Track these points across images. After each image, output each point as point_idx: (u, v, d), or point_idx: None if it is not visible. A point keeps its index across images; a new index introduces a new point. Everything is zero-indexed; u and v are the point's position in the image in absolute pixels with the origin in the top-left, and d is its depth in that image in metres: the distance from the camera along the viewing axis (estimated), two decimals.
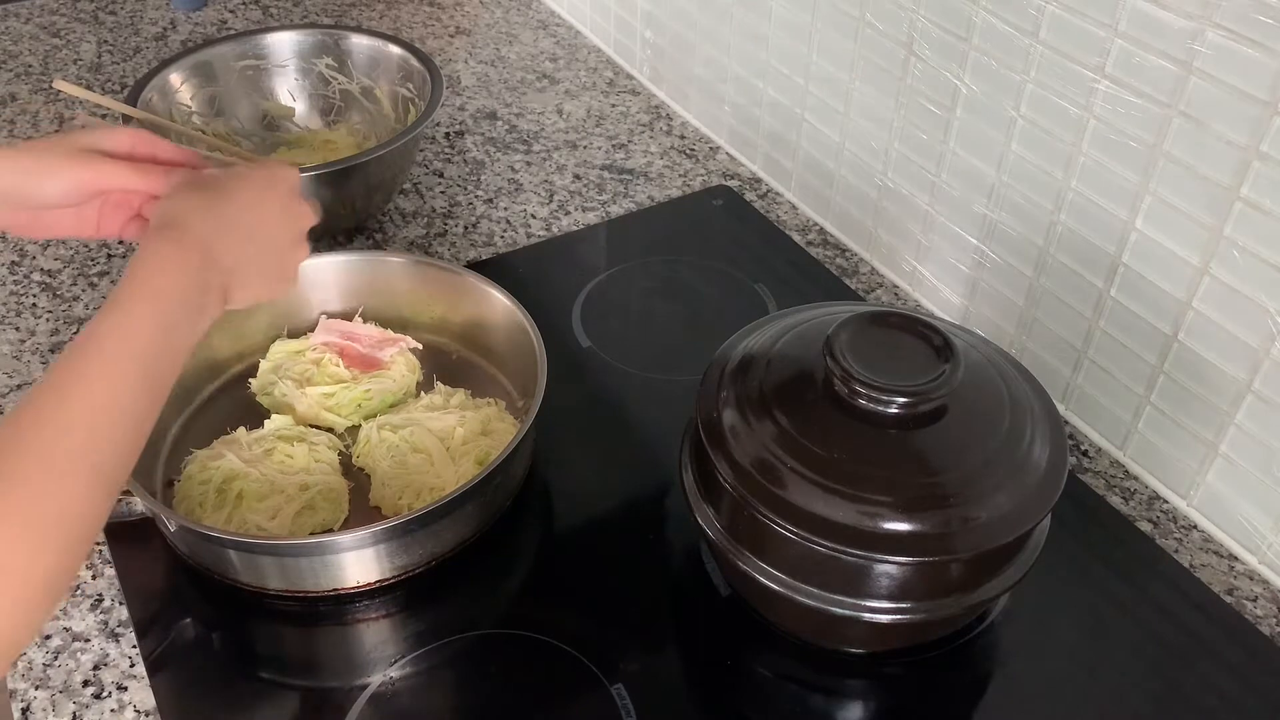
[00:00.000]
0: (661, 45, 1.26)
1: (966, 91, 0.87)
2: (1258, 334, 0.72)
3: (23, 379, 0.91)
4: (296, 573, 0.73)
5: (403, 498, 0.78)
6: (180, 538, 0.75)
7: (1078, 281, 0.83)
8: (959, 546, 0.62)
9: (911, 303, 1.01)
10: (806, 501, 0.63)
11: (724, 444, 0.67)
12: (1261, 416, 0.73)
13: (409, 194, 1.13)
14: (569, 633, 0.72)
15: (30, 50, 1.36)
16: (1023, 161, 0.84)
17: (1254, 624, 0.74)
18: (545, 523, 0.82)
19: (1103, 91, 0.76)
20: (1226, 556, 0.79)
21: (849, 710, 0.73)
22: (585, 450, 0.87)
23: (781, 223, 1.10)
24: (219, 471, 0.78)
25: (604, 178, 1.16)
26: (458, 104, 1.28)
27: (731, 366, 0.71)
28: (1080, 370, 0.86)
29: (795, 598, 0.66)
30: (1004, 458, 0.64)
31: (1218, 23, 0.67)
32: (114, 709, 0.69)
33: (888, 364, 0.65)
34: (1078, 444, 0.87)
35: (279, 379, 0.86)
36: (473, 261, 1.04)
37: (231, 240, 0.59)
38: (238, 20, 1.43)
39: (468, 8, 1.48)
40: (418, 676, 0.71)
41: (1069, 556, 0.77)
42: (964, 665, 0.72)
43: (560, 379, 0.81)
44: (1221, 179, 0.70)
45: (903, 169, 0.97)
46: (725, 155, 1.20)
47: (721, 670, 0.72)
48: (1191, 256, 0.74)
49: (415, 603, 0.75)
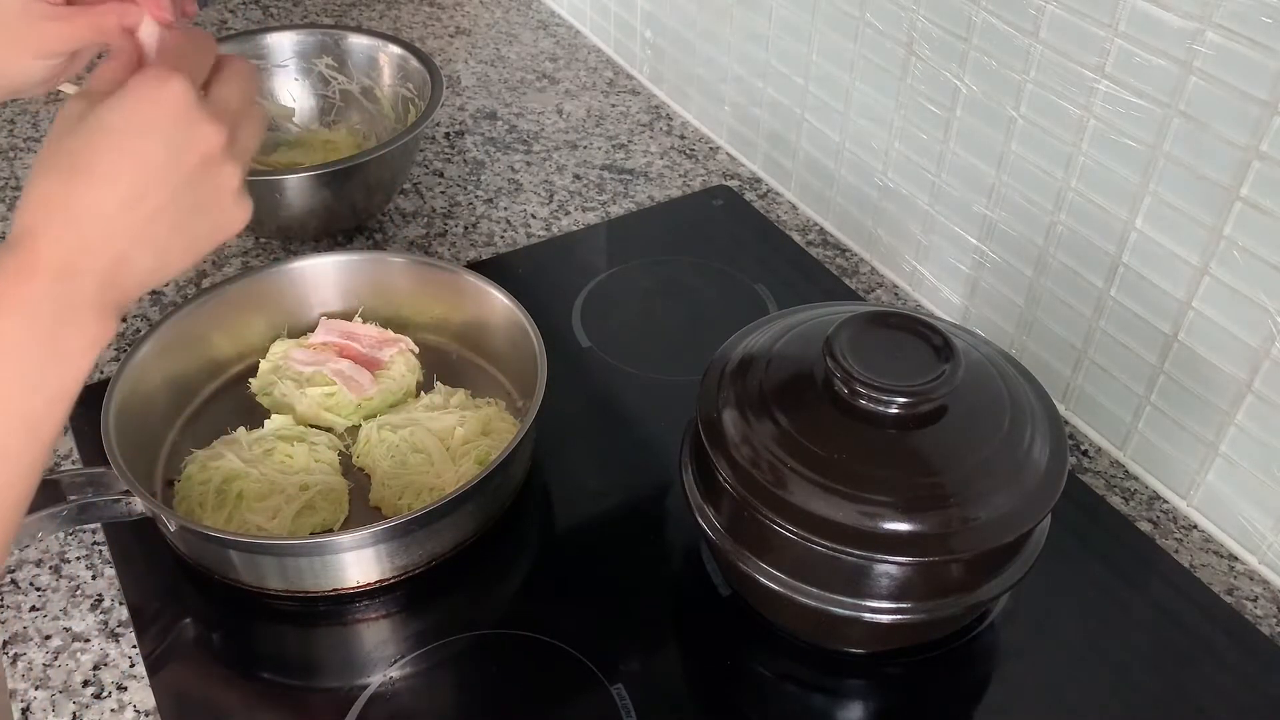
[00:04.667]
0: (661, 45, 1.26)
1: (966, 91, 0.87)
2: (1258, 334, 0.72)
3: None
4: (296, 573, 0.73)
5: (403, 498, 0.78)
6: (180, 538, 0.75)
7: (1078, 281, 0.83)
8: (959, 546, 0.62)
9: (911, 303, 1.01)
10: (806, 501, 0.63)
11: (724, 444, 0.67)
12: (1261, 416, 0.73)
13: (409, 194, 1.13)
14: (569, 633, 0.72)
15: None
16: (1023, 161, 0.84)
17: (1254, 624, 0.74)
18: (545, 523, 0.82)
19: (1103, 91, 0.76)
20: (1226, 556, 0.79)
21: (849, 710, 0.73)
22: (585, 450, 0.87)
23: (781, 223, 1.10)
24: (219, 471, 0.78)
25: (604, 178, 1.16)
26: (458, 104, 1.28)
27: (731, 366, 0.71)
28: (1080, 370, 0.86)
29: (795, 598, 0.66)
30: (1004, 458, 0.64)
31: (1218, 23, 0.67)
32: (114, 709, 0.69)
33: (888, 364, 0.65)
34: (1078, 444, 0.87)
35: (279, 379, 0.86)
36: (473, 261, 1.04)
37: (106, 222, 0.46)
38: (238, 20, 1.43)
39: (468, 8, 1.48)
40: (418, 676, 0.71)
41: (1069, 556, 0.77)
42: (964, 665, 0.72)
43: (560, 379, 0.81)
44: (1221, 179, 0.70)
45: (903, 169, 0.97)
46: (725, 155, 1.20)
47: (721, 670, 0.72)
48: (1191, 256, 0.74)
49: (415, 603, 0.75)
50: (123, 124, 0.47)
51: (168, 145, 0.47)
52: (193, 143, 0.48)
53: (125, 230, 0.46)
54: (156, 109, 0.47)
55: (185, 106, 0.48)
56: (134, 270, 0.47)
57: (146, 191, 0.47)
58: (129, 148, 0.47)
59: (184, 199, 0.48)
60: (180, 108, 0.48)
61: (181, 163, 0.48)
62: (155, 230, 0.47)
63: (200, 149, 0.48)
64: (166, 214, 0.48)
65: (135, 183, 0.47)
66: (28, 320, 0.43)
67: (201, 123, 0.48)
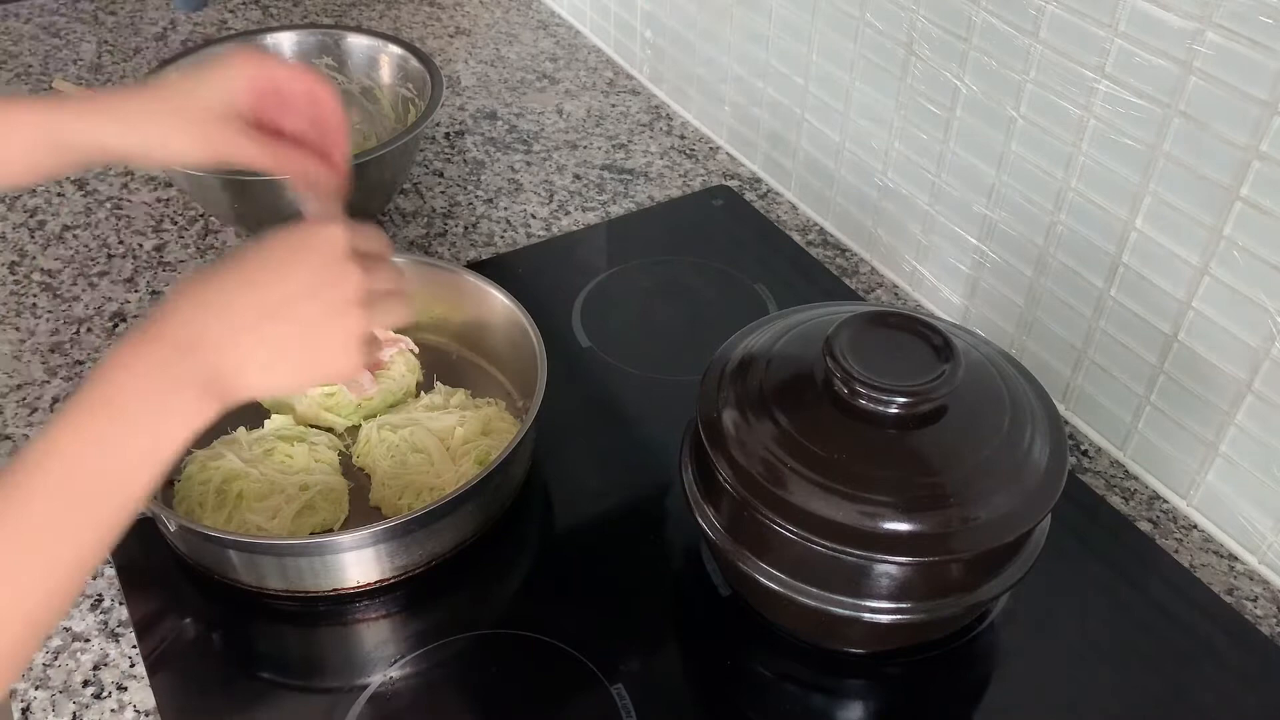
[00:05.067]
0: (661, 45, 1.26)
1: (966, 91, 0.87)
2: (1258, 334, 0.72)
3: (23, 379, 0.91)
4: (296, 573, 0.73)
5: (403, 498, 0.78)
6: (180, 538, 0.75)
7: (1078, 281, 0.83)
8: (959, 546, 0.62)
9: (911, 303, 1.01)
10: (806, 501, 0.63)
11: (724, 444, 0.67)
12: (1261, 416, 0.73)
13: (409, 194, 1.13)
14: (569, 633, 0.72)
15: (30, 50, 1.36)
16: (1023, 161, 0.84)
17: (1254, 624, 0.74)
18: (545, 523, 0.82)
19: (1103, 91, 0.76)
20: (1226, 556, 0.79)
21: (849, 710, 0.73)
22: (585, 450, 0.86)
23: (781, 223, 1.10)
24: (219, 471, 0.78)
25: (604, 178, 1.16)
26: (458, 104, 1.28)
27: (731, 366, 0.71)
28: (1080, 370, 0.86)
29: (795, 598, 0.66)
30: (1004, 458, 0.64)
31: (1218, 23, 0.67)
32: (114, 709, 0.69)
33: (888, 364, 0.65)
34: (1078, 444, 0.87)
35: None
36: (473, 261, 1.04)
37: (238, 320, 0.51)
38: (238, 20, 1.43)
39: (468, 8, 1.48)
40: (418, 676, 0.71)
41: (1069, 556, 0.77)
42: (964, 665, 0.72)
43: (560, 379, 0.81)
44: (1221, 179, 0.70)
45: (903, 169, 0.97)
46: (725, 155, 1.20)
47: (721, 670, 0.72)
48: (1191, 256, 0.74)
49: (415, 603, 0.75)
50: (283, 250, 0.53)
51: (314, 276, 0.53)
52: (336, 281, 0.53)
53: (249, 337, 0.50)
54: (315, 243, 0.53)
55: (340, 250, 0.53)
56: (242, 373, 0.50)
57: (280, 311, 0.51)
58: (280, 269, 0.52)
59: (310, 329, 0.52)
60: (335, 250, 0.53)
61: (320, 296, 0.52)
62: (274, 346, 0.51)
63: (341, 290, 0.53)
64: (291, 337, 0.52)
65: (274, 300, 0.51)
66: (146, 377, 0.47)
67: (349, 268, 0.53)
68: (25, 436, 0.86)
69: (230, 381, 0.50)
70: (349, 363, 0.54)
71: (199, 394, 0.49)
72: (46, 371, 0.92)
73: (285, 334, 0.52)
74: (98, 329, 0.96)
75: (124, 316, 0.98)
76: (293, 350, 0.52)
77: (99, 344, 0.95)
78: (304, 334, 0.52)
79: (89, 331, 0.96)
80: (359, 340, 0.54)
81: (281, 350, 0.52)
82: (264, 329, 0.51)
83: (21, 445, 0.85)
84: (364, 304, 0.54)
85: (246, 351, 0.50)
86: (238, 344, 0.50)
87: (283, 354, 0.52)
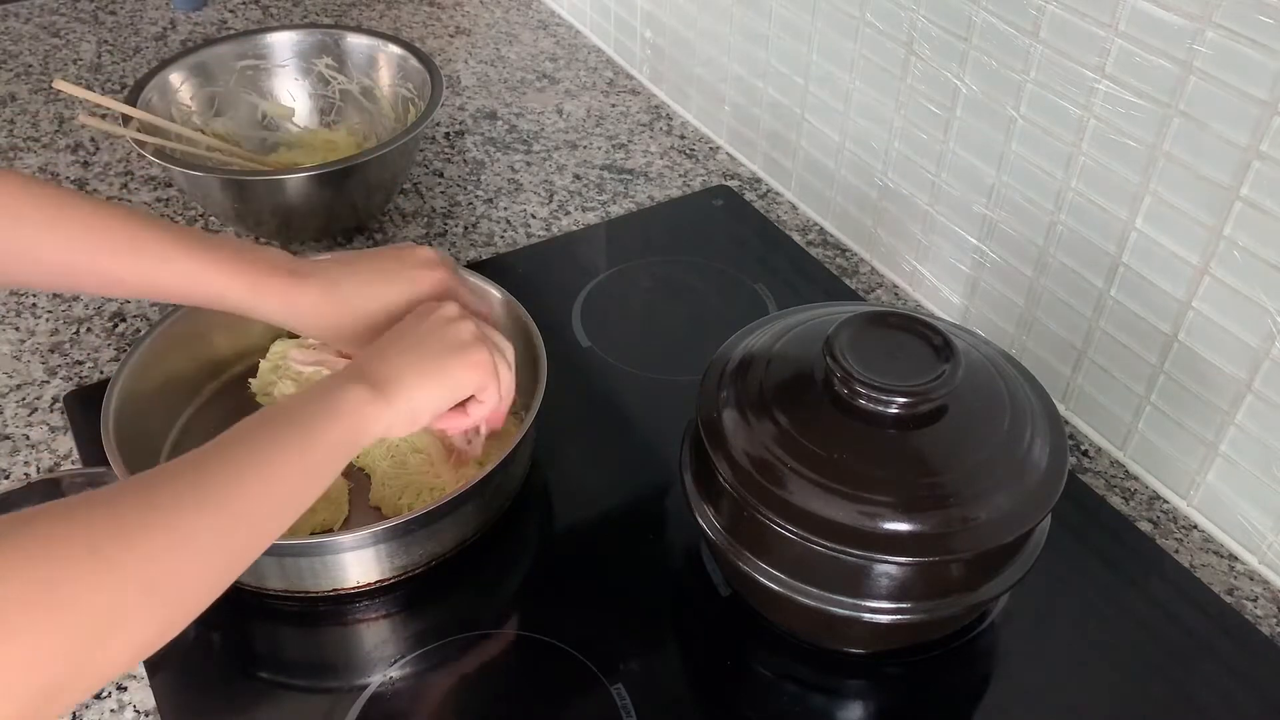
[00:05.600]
0: (661, 45, 1.26)
1: (966, 91, 0.87)
2: (1258, 334, 0.72)
3: (23, 379, 0.91)
4: (296, 573, 0.73)
5: (403, 498, 0.78)
6: None
7: (1078, 281, 0.83)
8: (959, 546, 0.62)
9: (911, 303, 1.01)
10: (806, 501, 0.63)
11: (724, 444, 0.67)
12: (1261, 416, 0.73)
13: (409, 194, 1.13)
14: (569, 633, 0.72)
15: (30, 50, 1.36)
16: (1023, 161, 0.84)
17: (1254, 624, 0.74)
18: (545, 523, 0.82)
19: (1103, 91, 0.76)
20: (1226, 556, 0.79)
21: (849, 710, 0.73)
22: (585, 450, 0.87)
23: (781, 223, 1.10)
24: None
25: (604, 178, 1.16)
26: (458, 104, 1.28)
27: (731, 366, 0.71)
28: (1080, 370, 0.86)
29: (795, 598, 0.66)
30: (1004, 458, 0.64)
31: (1218, 23, 0.67)
32: (114, 709, 0.69)
33: (888, 364, 0.65)
34: (1078, 444, 0.87)
35: (279, 379, 0.86)
36: (473, 261, 1.04)
37: (396, 362, 0.67)
38: (238, 20, 1.43)
39: (468, 8, 1.48)
40: (418, 676, 0.71)
41: (1069, 556, 0.77)
42: (964, 665, 0.72)
43: (560, 379, 0.81)
44: (1221, 179, 0.70)
45: (903, 169, 0.97)
46: (725, 155, 1.20)
47: (721, 670, 0.72)
48: (1191, 256, 0.74)
49: (415, 603, 0.75)
50: (414, 318, 0.71)
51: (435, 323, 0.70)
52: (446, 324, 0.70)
53: (402, 365, 0.67)
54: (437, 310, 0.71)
55: (449, 311, 0.71)
56: (404, 386, 0.65)
57: (410, 348, 0.68)
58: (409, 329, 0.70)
59: (430, 344, 0.69)
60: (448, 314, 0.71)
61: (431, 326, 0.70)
62: (417, 366, 0.67)
63: (455, 332, 0.70)
64: (425, 360, 0.68)
65: (409, 346, 0.69)
66: (353, 398, 0.63)
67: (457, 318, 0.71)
68: (25, 437, 0.86)
69: (394, 395, 0.64)
70: (476, 352, 0.69)
71: (378, 405, 0.63)
72: (46, 371, 0.92)
73: (421, 360, 0.67)
74: (98, 329, 0.96)
75: (124, 316, 0.98)
76: (428, 364, 0.67)
77: (99, 344, 0.95)
78: (429, 352, 0.68)
79: (89, 331, 0.96)
80: (472, 334, 0.70)
81: (421, 367, 0.67)
82: (409, 360, 0.67)
83: (21, 445, 0.85)
84: (463, 315, 0.71)
85: (401, 376, 0.66)
86: (400, 376, 0.66)
87: (423, 369, 0.67)
